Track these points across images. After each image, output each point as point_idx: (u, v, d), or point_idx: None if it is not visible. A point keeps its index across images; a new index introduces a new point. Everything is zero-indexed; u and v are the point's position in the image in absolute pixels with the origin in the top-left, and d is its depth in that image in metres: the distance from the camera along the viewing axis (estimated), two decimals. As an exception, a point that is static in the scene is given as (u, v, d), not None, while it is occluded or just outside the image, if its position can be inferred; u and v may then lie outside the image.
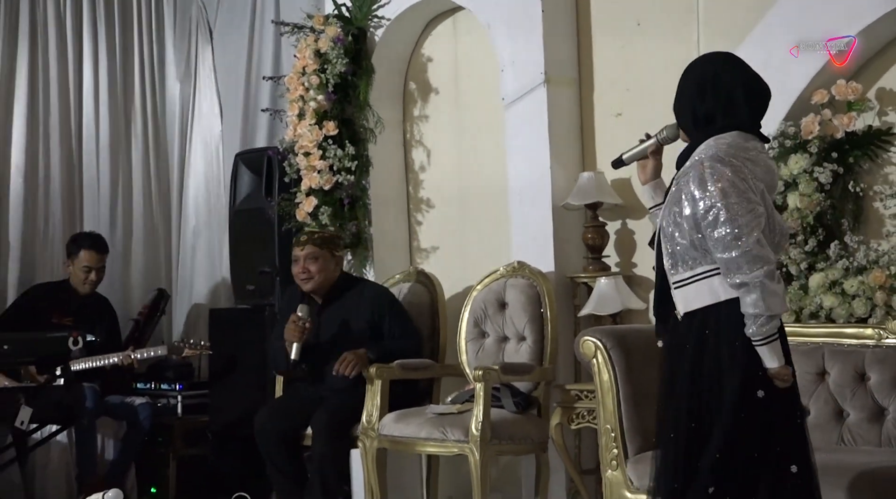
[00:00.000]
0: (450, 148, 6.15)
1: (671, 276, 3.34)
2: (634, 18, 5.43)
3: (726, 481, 3.22)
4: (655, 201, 3.53)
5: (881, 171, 4.76)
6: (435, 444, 5.16)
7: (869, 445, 4.33)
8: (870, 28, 4.69)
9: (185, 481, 6.56)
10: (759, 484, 3.22)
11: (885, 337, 4.43)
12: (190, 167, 7.70)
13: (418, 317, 5.84)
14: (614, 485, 4.30)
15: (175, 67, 7.73)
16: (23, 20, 7.11)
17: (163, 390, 6.75)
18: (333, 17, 6.09)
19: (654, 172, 3.55)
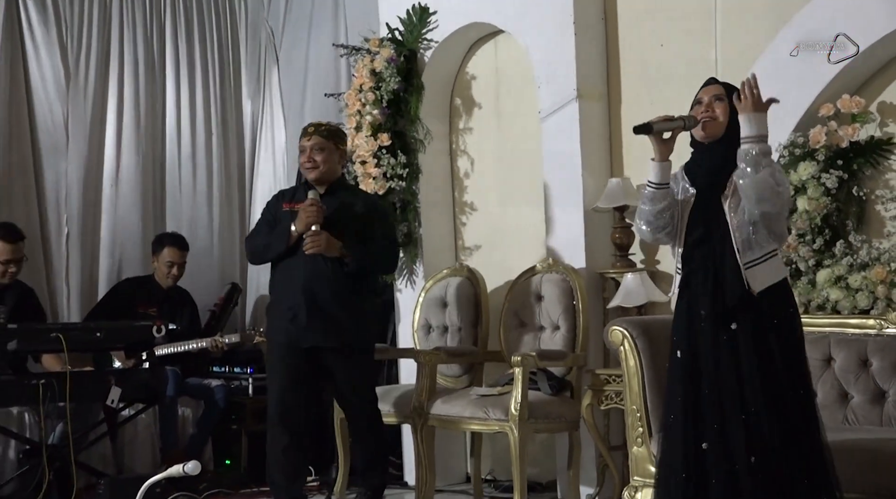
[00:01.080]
0: (491, 157, 6.15)
1: (746, 257, 3.40)
2: (658, 41, 5.42)
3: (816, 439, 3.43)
4: (661, 181, 3.55)
5: (882, 177, 4.73)
6: (478, 422, 5.19)
7: (871, 424, 4.32)
8: (872, 47, 4.66)
9: (255, 455, 6.52)
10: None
11: (885, 327, 4.43)
12: (258, 175, 7.74)
13: (463, 308, 5.86)
14: (639, 460, 4.31)
15: (246, 86, 7.75)
16: (114, 46, 7.14)
17: (235, 373, 6.77)
18: (387, 40, 6.11)
19: (668, 153, 3.55)
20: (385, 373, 6.27)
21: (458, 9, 5.98)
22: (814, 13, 4.82)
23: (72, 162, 6.98)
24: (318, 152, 5.04)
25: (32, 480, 5.49)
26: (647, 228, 3.59)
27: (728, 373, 3.41)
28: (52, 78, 6.94)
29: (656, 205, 3.54)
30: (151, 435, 6.33)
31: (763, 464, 3.34)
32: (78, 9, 7.01)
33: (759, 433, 3.35)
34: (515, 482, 4.97)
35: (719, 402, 3.41)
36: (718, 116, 3.50)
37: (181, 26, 7.44)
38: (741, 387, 3.39)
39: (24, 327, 5.73)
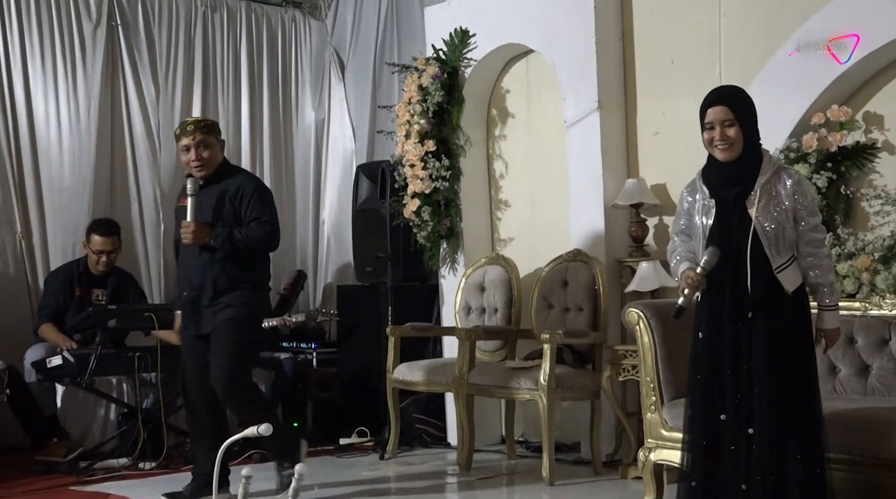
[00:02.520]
0: (523, 160, 6.13)
1: (775, 261, 3.39)
2: (669, 58, 5.40)
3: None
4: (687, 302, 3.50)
5: (867, 177, 4.70)
6: (511, 391, 5.20)
7: (856, 394, 4.31)
8: (858, 64, 4.64)
9: (319, 418, 6.59)
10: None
11: (869, 309, 4.41)
12: (327, 179, 7.75)
13: (499, 292, 5.86)
14: (652, 425, 4.30)
15: (310, 99, 7.74)
16: (197, 66, 7.17)
17: (302, 347, 6.78)
18: (433, 59, 6.11)
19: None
20: (431, 348, 6.26)
21: (495, 31, 5.97)
22: (805, 35, 4.79)
23: (163, 166, 7.00)
24: (203, 149, 4.62)
25: (130, 438, 5.56)
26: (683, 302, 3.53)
27: (744, 354, 3.40)
28: (145, 94, 6.98)
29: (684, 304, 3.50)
30: (230, 401, 6.39)
31: (760, 436, 3.36)
32: (166, 34, 7.04)
33: (761, 408, 3.35)
34: (544, 443, 4.98)
35: (735, 378, 3.41)
36: (734, 141, 3.44)
37: (254, 49, 7.46)
38: (752, 367, 3.39)
39: (122, 308, 5.83)
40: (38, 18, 6.52)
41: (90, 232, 6.13)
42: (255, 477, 4.01)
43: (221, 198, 4.61)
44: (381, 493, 4.98)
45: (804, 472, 3.34)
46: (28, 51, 6.49)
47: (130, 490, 4.82)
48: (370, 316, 6.32)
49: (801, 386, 3.40)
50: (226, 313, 4.55)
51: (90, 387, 5.65)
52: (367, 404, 6.23)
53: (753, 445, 3.36)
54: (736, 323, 3.43)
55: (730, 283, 3.43)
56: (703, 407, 3.49)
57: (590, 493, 4.85)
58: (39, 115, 6.55)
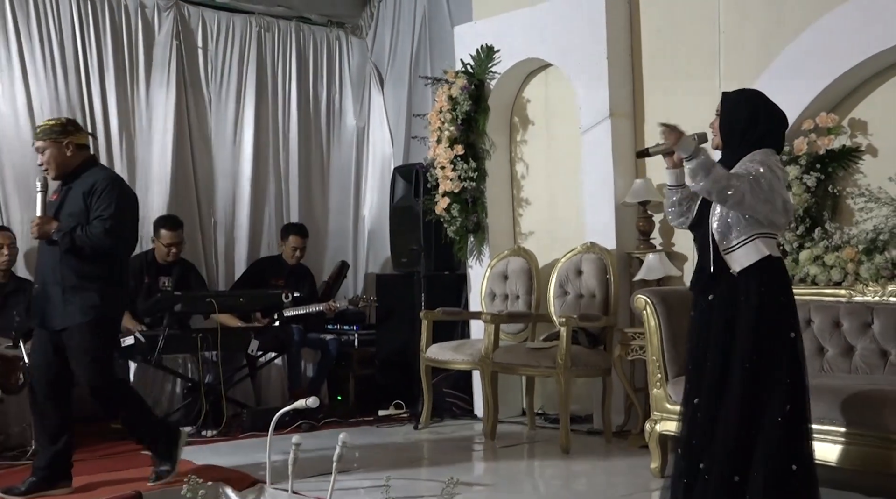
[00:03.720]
0: (542, 163, 6.13)
1: (722, 245, 3.24)
2: (672, 71, 5.39)
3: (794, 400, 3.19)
4: (674, 183, 3.41)
5: (852, 177, 4.68)
6: (532, 369, 5.21)
7: (842, 372, 4.31)
8: (845, 74, 4.62)
9: (360, 392, 6.63)
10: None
11: (854, 296, 4.40)
12: (367, 179, 7.76)
13: (520, 280, 5.86)
14: (658, 399, 4.33)
15: (353, 109, 7.74)
16: (249, 79, 7.18)
17: (345, 329, 6.79)
18: (462, 72, 6.11)
19: (678, 162, 3.37)
20: (459, 331, 6.26)
21: (517, 48, 5.97)
22: (795, 51, 4.78)
23: (217, 168, 7.04)
24: (43, 154, 4.28)
25: (193, 409, 5.64)
26: (670, 216, 3.50)
27: (708, 334, 3.29)
28: (204, 105, 7.02)
29: (671, 198, 3.44)
30: (281, 377, 6.40)
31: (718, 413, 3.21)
32: (221, 52, 7.06)
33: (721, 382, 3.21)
34: (561, 415, 4.99)
35: (704, 360, 3.29)
36: (716, 133, 3.42)
37: (302, 65, 7.47)
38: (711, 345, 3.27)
39: (186, 294, 5.87)
40: (113, 37, 6.58)
41: (159, 227, 6.18)
42: (304, 445, 4.11)
43: (81, 195, 4.25)
44: (415, 459, 5.01)
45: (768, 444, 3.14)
46: (106, 66, 6.55)
47: (194, 455, 4.84)
48: (405, 302, 6.34)
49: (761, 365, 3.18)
50: (77, 316, 4.15)
51: (159, 364, 5.71)
52: (402, 380, 6.26)
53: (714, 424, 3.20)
54: (700, 305, 3.34)
55: (697, 266, 3.38)
56: (687, 390, 3.38)
57: (601, 460, 4.86)
58: (113, 125, 6.58)
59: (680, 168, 3.40)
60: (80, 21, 6.43)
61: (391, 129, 7.67)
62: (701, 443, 3.21)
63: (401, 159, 7.40)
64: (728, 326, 3.22)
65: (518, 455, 5.04)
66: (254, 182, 7.19)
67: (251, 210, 7.17)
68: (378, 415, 6.08)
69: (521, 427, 5.69)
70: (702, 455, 3.20)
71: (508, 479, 4.47)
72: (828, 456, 3.70)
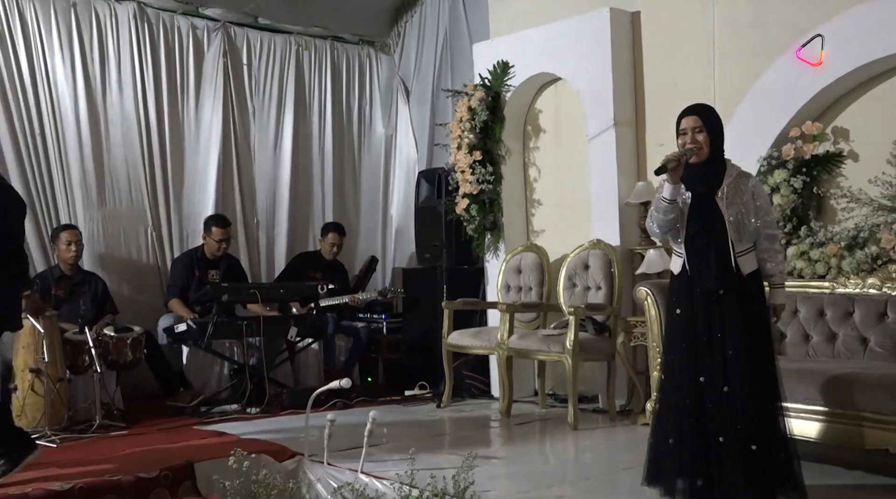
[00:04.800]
0: (553, 167, 6.12)
1: (737, 246, 3.31)
2: (672, 82, 5.37)
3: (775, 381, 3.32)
4: (672, 197, 3.36)
5: (835, 180, 4.67)
6: (543, 354, 5.21)
7: (825, 357, 4.30)
8: (828, 86, 4.60)
9: (388, 374, 6.64)
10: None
11: (836, 288, 4.40)
12: (394, 182, 7.77)
13: (533, 273, 5.85)
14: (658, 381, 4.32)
15: (381, 119, 7.76)
16: (289, 93, 7.21)
17: (374, 318, 6.80)
18: (480, 85, 6.11)
19: (678, 178, 3.36)
20: (478, 319, 6.25)
21: (530, 63, 5.97)
22: (782, 66, 4.76)
23: (259, 173, 7.08)
24: None
25: (239, 389, 5.67)
26: (659, 231, 3.46)
27: (717, 325, 3.30)
28: (247, 115, 7.05)
29: (668, 215, 3.38)
30: (318, 360, 6.41)
31: (733, 393, 3.25)
32: (264, 68, 7.11)
33: (735, 369, 3.25)
34: (569, 395, 4.99)
35: (710, 345, 3.30)
36: (703, 145, 3.35)
37: (335, 78, 7.49)
38: (725, 335, 3.29)
39: (233, 285, 5.93)
40: (167, 55, 6.65)
41: (210, 225, 6.22)
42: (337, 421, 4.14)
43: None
44: (438, 434, 5.02)
45: (770, 420, 3.26)
46: (160, 81, 6.62)
47: (239, 429, 4.89)
48: (429, 293, 6.35)
49: (763, 349, 3.30)
50: None
51: (208, 348, 5.77)
52: (426, 364, 6.26)
53: (729, 401, 3.24)
54: (708, 299, 3.32)
55: (708, 265, 3.32)
56: (682, 373, 3.35)
57: (606, 436, 4.86)
58: (166, 134, 6.64)
59: (679, 184, 3.37)
60: (137, 41, 6.50)
61: (416, 136, 7.68)
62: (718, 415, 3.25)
63: (424, 164, 7.41)
64: (743, 318, 3.28)
65: (531, 431, 5.04)
66: (292, 185, 7.22)
67: (290, 211, 7.21)
68: (404, 395, 6.09)
69: (533, 406, 5.70)
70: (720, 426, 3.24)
71: (522, 453, 4.48)
72: (811, 433, 3.70)
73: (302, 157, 7.30)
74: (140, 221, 6.51)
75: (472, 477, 3.44)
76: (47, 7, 6.17)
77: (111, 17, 6.41)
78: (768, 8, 4.93)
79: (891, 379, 3.59)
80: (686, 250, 3.42)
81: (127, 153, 6.45)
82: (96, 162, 6.35)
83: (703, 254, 3.35)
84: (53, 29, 6.17)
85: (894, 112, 4.47)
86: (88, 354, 5.05)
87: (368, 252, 7.49)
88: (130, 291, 6.40)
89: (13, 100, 6.00)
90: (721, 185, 3.34)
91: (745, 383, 3.23)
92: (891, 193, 4.37)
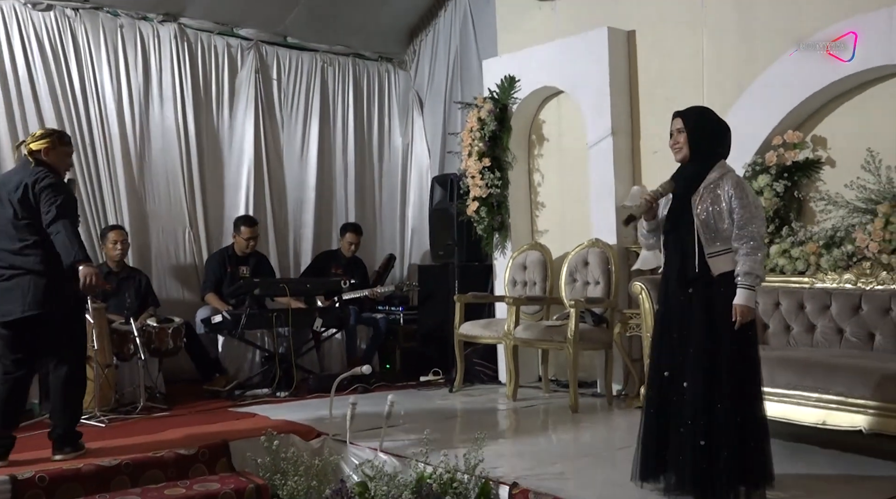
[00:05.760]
0: (555, 172, 6.12)
1: (709, 246, 3.08)
2: (665, 96, 5.36)
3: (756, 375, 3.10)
4: (650, 229, 3.28)
5: (814, 184, 4.65)
6: (547, 343, 5.21)
7: (804, 346, 4.29)
8: (808, 98, 4.60)
9: (405, 362, 6.64)
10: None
11: (815, 283, 4.38)
12: (410, 187, 7.78)
13: (537, 270, 5.84)
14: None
15: (398, 129, 7.77)
16: (314, 106, 7.24)
17: (392, 310, 6.81)
18: (488, 98, 6.11)
19: (653, 215, 3.26)
20: (486, 311, 6.25)
21: (534, 78, 5.97)
22: (766, 80, 4.76)
23: (287, 178, 7.09)
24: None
25: (269, 375, 5.69)
26: (643, 246, 3.42)
27: (685, 323, 3.12)
28: (277, 126, 7.07)
29: (648, 240, 3.32)
30: (341, 348, 6.43)
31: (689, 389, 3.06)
32: (292, 83, 7.13)
33: (694, 366, 3.06)
34: (570, 381, 4.99)
35: (678, 342, 3.12)
36: (682, 146, 3.18)
37: (357, 92, 7.51)
38: (690, 333, 3.10)
39: (264, 281, 5.92)
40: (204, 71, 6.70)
41: (239, 224, 6.27)
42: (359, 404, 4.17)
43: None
44: (450, 416, 5.02)
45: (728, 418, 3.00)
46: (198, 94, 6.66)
47: (270, 411, 4.89)
48: (442, 287, 6.37)
49: (730, 350, 3.03)
50: None
51: (241, 337, 5.77)
52: (440, 352, 6.25)
53: (685, 395, 3.05)
54: (679, 297, 3.15)
55: (676, 264, 3.17)
56: (653, 368, 3.23)
57: (604, 418, 4.86)
58: (204, 143, 6.68)
59: (655, 219, 3.27)
60: (178, 58, 6.55)
61: (429, 145, 7.69)
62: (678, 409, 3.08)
63: (438, 170, 7.42)
64: (709, 320, 3.07)
65: (535, 414, 5.04)
66: (317, 189, 7.24)
67: (315, 212, 7.23)
68: (419, 380, 6.09)
69: (537, 391, 5.69)
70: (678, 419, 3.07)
71: (527, 433, 4.49)
72: (792, 416, 3.69)
73: (326, 163, 7.33)
74: (179, 221, 6.55)
75: (481, 455, 3.46)
76: (97, 29, 6.23)
77: (154, 37, 6.47)
78: (753, 28, 4.92)
79: (864, 366, 3.59)
80: (664, 248, 3.31)
81: (167, 160, 6.50)
82: (140, 168, 6.40)
83: (673, 252, 3.21)
84: (102, 48, 6.23)
85: (868, 122, 4.46)
86: (133, 343, 5.10)
87: (387, 250, 7.51)
88: (170, 286, 6.45)
89: (66, 112, 6.07)
90: (700, 186, 3.14)
91: (699, 382, 3.04)
92: (865, 197, 4.36)
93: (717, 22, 5.12)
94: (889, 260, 4.13)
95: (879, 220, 4.17)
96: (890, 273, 4.12)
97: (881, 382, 3.44)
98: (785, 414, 3.68)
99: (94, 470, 3.64)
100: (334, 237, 7.18)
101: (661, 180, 3.31)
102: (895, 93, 4.38)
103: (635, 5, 5.56)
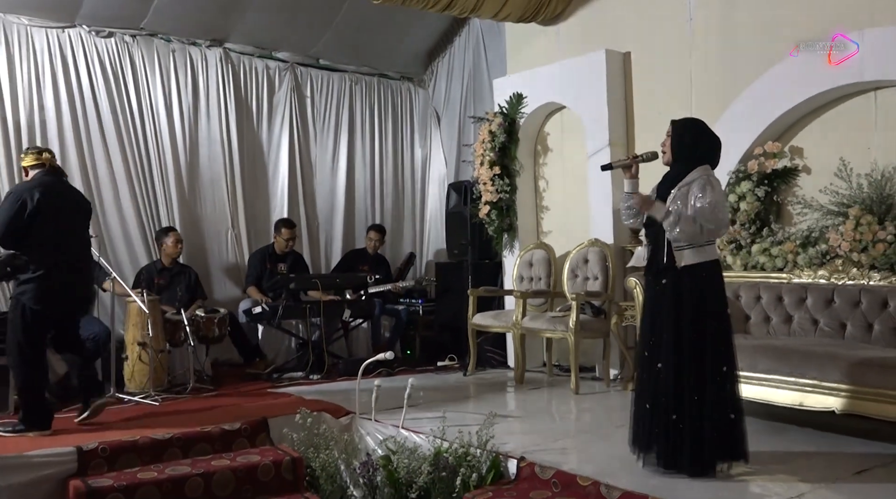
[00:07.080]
0: (558, 179, 6.10)
1: (675, 242, 3.06)
2: (657, 110, 5.33)
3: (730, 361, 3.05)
4: (632, 190, 3.27)
5: (791, 190, 4.62)
6: (551, 332, 5.19)
7: (783, 335, 4.26)
8: (786, 113, 4.56)
9: (424, 349, 6.63)
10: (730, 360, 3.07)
11: (792, 278, 4.35)
12: (428, 193, 7.78)
13: (542, 266, 5.82)
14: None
15: (418, 141, 7.78)
16: (343, 120, 7.26)
17: (413, 302, 6.79)
18: (499, 113, 6.10)
19: (635, 173, 3.30)
20: (496, 303, 6.23)
21: (540, 95, 5.96)
22: (748, 96, 4.72)
23: (318, 185, 7.10)
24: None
25: (303, 360, 5.71)
26: (624, 216, 3.34)
27: (659, 311, 3.12)
28: (310, 139, 7.08)
29: (627, 203, 3.28)
30: (367, 336, 6.45)
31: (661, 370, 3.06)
32: (324, 100, 7.14)
33: (664, 350, 3.06)
34: (572, 366, 4.98)
35: (654, 327, 3.12)
36: (666, 149, 3.24)
37: (382, 108, 7.51)
38: (662, 319, 3.09)
39: (299, 276, 5.96)
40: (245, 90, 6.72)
41: (280, 226, 6.30)
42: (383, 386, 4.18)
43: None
44: (465, 396, 5.01)
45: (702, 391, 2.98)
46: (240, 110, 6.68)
47: (304, 392, 4.91)
48: (457, 282, 6.34)
49: (696, 336, 3.01)
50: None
51: (279, 326, 5.82)
52: (455, 340, 6.25)
53: (660, 375, 3.05)
54: (654, 287, 3.17)
55: (651, 256, 3.21)
56: (638, 351, 3.28)
57: (602, 399, 4.83)
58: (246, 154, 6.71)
59: (636, 179, 3.29)
60: (222, 79, 6.59)
61: (446, 155, 7.68)
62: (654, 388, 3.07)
63: (453, 177, 7.41)
64: (677, 307, 3.05)
65: (540, 395, 5.03)
66: (346, 195, 7.26)
67: (344, 215, 7.24)
68: (437, 365, 6.08)
69: (542, 375, 5.69)
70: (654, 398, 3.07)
71: (533, 412, 4.48)
72: (771, 398, 3.68)
73: (354, 172, 7.33)
74: (223, 223, 6.59)
75: (492, 432, 3.47)
76: (151, 53, 6.29)
77: (202, 60, 6.52)
78: (736, 48, 4.90)
79: (836, 353, 3.57)
80: (645, 241, 3.32)
81: (213, 169, 6.54)
82: (189, 176, 6.45)
83: (649, 245, 3.23)
84: (156, 70, 6.29)
85: (840, 134, 4.42)
86: (184, 331, 5.15)
87: (408, 249, 7.53)
88: (216, 280, 6.48)
89: (124, 128, 6.14)
90: (675, 186, 3.15)
91: (671, 364, 3.02)
92: (837, 201, 4.33)
93: (703, 45, 5.10)
94: (859, 258, 4.10)
95: (850, 222, 4.14)
96: (860, 270, 4.10)
97: (851, 367, 3.43)
98: (765, 396, 3.68)
99: (149, 443, 3.69)
100: (361, 237, 7.19)
101: (651, 184, 3.35)
102: (864, 108, 4.35)
103: (631, 30, 5.54)
